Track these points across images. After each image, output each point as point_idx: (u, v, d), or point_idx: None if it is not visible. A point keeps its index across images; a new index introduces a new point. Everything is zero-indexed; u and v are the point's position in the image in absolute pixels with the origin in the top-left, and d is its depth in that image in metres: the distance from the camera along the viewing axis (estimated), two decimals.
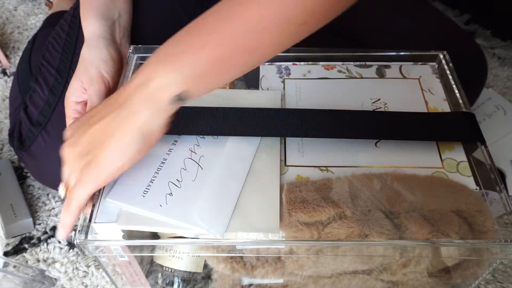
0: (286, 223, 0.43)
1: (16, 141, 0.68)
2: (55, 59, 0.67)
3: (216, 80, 0.40)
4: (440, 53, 0.58)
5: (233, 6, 0.38)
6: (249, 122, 0.50)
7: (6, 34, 1.06)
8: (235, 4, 0.38)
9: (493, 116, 0.78)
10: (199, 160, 0.48)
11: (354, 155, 0.49)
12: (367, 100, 0.54)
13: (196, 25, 0.40)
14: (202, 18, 0.40)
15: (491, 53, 1.01)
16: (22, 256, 0.67)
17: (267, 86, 0.56)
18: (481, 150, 0.49)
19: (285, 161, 0.48)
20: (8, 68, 0.98)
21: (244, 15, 0.37)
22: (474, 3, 1.07)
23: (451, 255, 0.46)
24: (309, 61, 0.59)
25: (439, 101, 0.54)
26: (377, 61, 0.59)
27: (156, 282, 0.55)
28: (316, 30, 0.39)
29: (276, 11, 0.36)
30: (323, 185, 0.45)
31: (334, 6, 0.38)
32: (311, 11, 0.37)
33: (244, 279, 0.53)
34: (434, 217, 0.43)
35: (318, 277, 0.51)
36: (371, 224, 0.42)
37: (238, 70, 0.40)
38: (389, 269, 0.49)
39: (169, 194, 0.44)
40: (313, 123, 0.49)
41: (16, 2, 1.15)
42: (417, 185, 0.46)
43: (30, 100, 0.67)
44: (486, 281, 0.64)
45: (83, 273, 0.65)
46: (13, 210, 0.69)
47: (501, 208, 0.45)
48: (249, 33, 0.37)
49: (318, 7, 0.37)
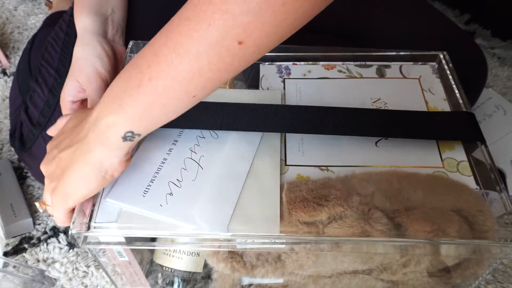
0: (286, 223, 0.43)
1: (17, 142, 0.68)
2: (54, 60, 0.67)
3: (163, 115, 0.38)
4: (440, 53, 0.58)
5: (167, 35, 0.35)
6: (251, 117, 0.49)
7: (6, 34, 1.06)
8: (169, 33, 0.35)
9: (493, 116, 0.79)
10: (199, 159, 0.48)
11: (355, 154, 0.49)
12: (367, 100, 0.54)
13: (137, 57, 0.37)
14: (145, 47, 0.37)
15: (491, 53, 1.01)
16: (22, 256, 0.67)
17: (267, 86, 0.56)
18: (481, 150, 0.49)
19: (285, 161, 0.48)
20: (8, 68, 0.98)
21: (175, 43, 0.34)
22: (474, 3, 1.07)
23: (451, 254, 0.46)
24: (309, 61, 0.59)
25: (439, 101, 0.54)
26: (377, 61, 0.59)
27: (156, 282, 0.55)
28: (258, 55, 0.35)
29: (207, 37, 0.33)
30: (324, 185, 0.45)
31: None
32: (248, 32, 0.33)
33: (244, 278, 0.53)
34: (434, 216, 0.43)
35: (318, 276, 0.51)
36: (372, 223, 0.42)
37: (185, 102, 0.37)
38: (389, 269, 0.49)
39: (169, 194, 0.44)
40: (314, 119, 0.49)
41: (16, 2, 1.16)
42: (417, 184, 0.46)
43: (30, 100, 0.67)
44: (486, 281, 0.64)
45: (83, 273, 0.65)
46: (13, 210, 0.69)
47: (501, 208, 0.45)
48: (181, 64, 0.34)
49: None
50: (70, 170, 0.41)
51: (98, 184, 0.41)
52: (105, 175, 0.41)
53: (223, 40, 0.33)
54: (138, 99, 0.36)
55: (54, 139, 0.46)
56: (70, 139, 0.43)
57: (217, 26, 0.32)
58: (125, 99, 0.37)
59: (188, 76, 0.35)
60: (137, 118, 0.37)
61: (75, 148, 0.41)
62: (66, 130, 0.45)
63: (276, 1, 0.31)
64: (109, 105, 0.38)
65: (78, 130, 0.42)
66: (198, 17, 0.33)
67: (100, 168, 0.40)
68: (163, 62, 0.35)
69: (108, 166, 0.41)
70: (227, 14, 0.32)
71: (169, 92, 0.36)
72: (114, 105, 0.38)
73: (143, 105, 0.37)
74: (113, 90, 0.38)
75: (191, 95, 0.36)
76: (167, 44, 0.34)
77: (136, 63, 0.37)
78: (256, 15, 0.32)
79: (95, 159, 0.40)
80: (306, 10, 0.33)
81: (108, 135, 0.39)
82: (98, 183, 0.41)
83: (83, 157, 0.40)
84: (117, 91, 0.38)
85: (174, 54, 0.34)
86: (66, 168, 0.41)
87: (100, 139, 0.39)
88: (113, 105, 0.38)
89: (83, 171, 0.40)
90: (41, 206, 0.47)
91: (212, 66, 0.34)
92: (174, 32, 0.34)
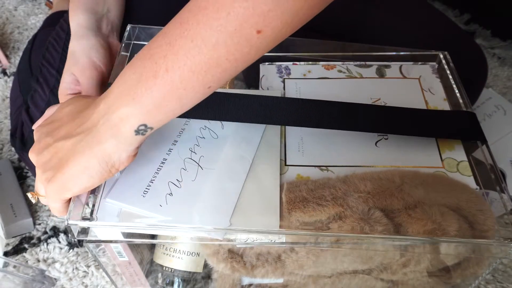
0: (286, 223, 0.43)
1: (18, 142, 0.68)
2: (55, 59, 0.67)
3: (178, 107, 0.37)
4: (440, 53, 0.58)
5: (182, 25, 0.34)
6: (252, 109, 0.49)
7: (6, 34, 1.07)
8: (184, 22, 0.34)
9: (493, 116, 0.79)
10: (199, 160, 0.48)
11: (354, 154, 0.49)
12: (367, 99, 0.54)
13: (151, 46, 0.36)
14: (157, 36, 0.36)
15: (491, 53, 1.01)
16: (22, 256, 0.67)
17: (267, 86, 0.56)
18: (481, 149, 0.49)
19: (285, 161, 0.48)
20: (8, 68, 0.98)
21: (193, 33, 0.34)
22: (474, 3, 1.07)
23: (451, 253, 0.46)
24: (309, 61, 0.59)
25: (439, 101, 0.54)
26: (377, 61, 0.59)
27: (156, 282, 0.55)
28: (276, 42, 0.35)
29: (227, 26, 0.33)
30: (323, 185, 0.45)
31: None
32: (268, 20, 0.33)
33: (244, 278, 0.53)
34: (434, 216, 0.43)
35: (318, 276, 0.51)
36: (371, 223, 0.42)
37: (201, 93, 0.37)
38: (389, 269, 0.49)
39: (169, 194, 0.44)
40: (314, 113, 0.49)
41: (16, 2, 1.16)
42: (417, 184, 0.46)
43: (31, 100, 0.67)
44: (486, 281, 0.64)
45: (83, 273, 0.65)
46: (13, 210, 0.69)
47: (501, 208, 0.45)
48: (199, 54, 0.34)
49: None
50: (72, 162, 0.39)
51: (101, 178, 0.40)
52: (111, 168, 0.40)
53: (242, 29, 0.32)
54: (154, 90, 0.35)
55: (44, 125, 0.43)
56: (69, 128, 0.41)
57: (237, 14, 0.32)
58: (140, 90, 0.36)
59: (205, 66, 0.34)
60: (152, 110, 0.36)
61: (79, 138, 0.39)
62: (61, 116, 0.42)
63: None
64: (121, 96, 0.37)
65: (81, 119, 0.40)
66: (217, 5, 0.32)
67: (108, 161, 0.39)
68: (180, 52, 0.34)
69: (116, 159, 0.40)
70: (247, 2, 0.31)
71: (186, 83, 0.35)
72: (128, 97, 0.37)
73: (159, 97, 0.36)
74: (125, 81, 0.37)
75: (207, 86, 0.36)
76: (184, 34, 0.34)
77: (149, 53, 0.36)
78: (277, 4, 0.31)
79: (104, 152, 0.38)
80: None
81: (121, 128, 0.38)
82: (102, 177, 0.40)
83: (89, 149, 0.38)
84: (130, 83, 0.37)
85: (192, 44, 0.33)
86: (67, 159, 0.39)
87: (111, 131, 0.38)
88: (127, 97, 0.37)
89: (88, 163, 0.39)
90: (34, 197, 0.45)
91: (229, 56, 0.34)
92: (191, 21, 0.33)
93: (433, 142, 0.50)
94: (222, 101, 0.49)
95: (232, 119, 0.49)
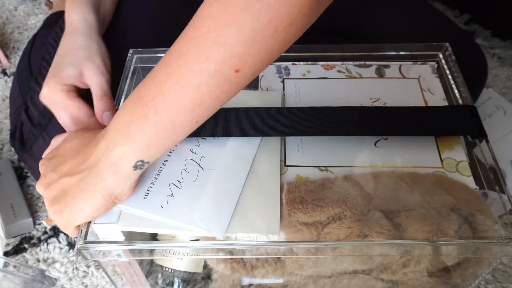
0: (285, 224, 0.43)
1: (18, 142, 0.68)
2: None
3: (169, 142, 0.40)
4: (440, 52, 0.58)
5: (167, 69, 0.37)
6: (251, 121, 0.49)
7: (6, 34, 1.07)
8: (169, 66, 0.37)
9: (493, 116, 0.79)
10: (200, 161, 0.48)
11: (354, 155, 0.49)
12: (367, 99, 0.54)
13: (140, 89, 0.39)
14: (146, 79, 0.39)
15: (491, 53, 1.01)
16: (22, 256, 0.67)
17: (267, 86, 0.57)
18: (479, 147, 0.49)
19: (285, 161, 0.49)
20: (8, 68, 0.98)
21: (178, 76, 0.36)
22: (474, 3, 1.07)
23: (451, 254, 0.46)
24: (308, 61, 0.59)
25: (438, 101, 0.54)
26: (377, 61, 0.59)
27: (156, 282, 0.55)
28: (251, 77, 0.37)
29: (207, 68, 0.35)
30: (323, 185, 0.45)
31: None
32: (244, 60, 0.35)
33: (244, 279, 0.53)
34: (434, 216, 0.43)
35: (318, 277, 0.51)
36: (371, 224, 0.42)
37: (189, 128, 0.39)
38: (389, 269, 0.49)
39: (170, 196, 0.45)
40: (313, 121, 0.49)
41: (16, 2, 1.16)
42: (416, 184, 0.46)
43: (30, 101, 0.67)
44: (486, 281, 0.64)
45: (83, 273, 0.65)
46: (13, 210, 0.69)
47: (501, 208, 0.45)
48: (185, 95, 0.36)
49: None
50: (78, 198, 0.42)
51: (106, 208, 0.43)
52: (114, 200, 0.43)
53: (221, 70, 0.35)
54: (145, 130, 0.38)
55: (49, 159, 0.46)
56: (73, 164, 0.43)
57: (215, 57, 0.34)
58: (133, 130, 0.39)
59: (191, 105, 0.37)
60: (146, 147, 0.39)
61: (82, 176, 0.42)
62: (64, 152, 0.45)
63: (268, 29, 0.33)
64: (118, 135, 0.40)
65: (84, 156, 0.43)
66: (196, 50, 0.35)
67: (111, 194, 0.42)
68: (167, 95, 0.37)
69: (119, 192, 0.42)
70: (224, 46, 0.34)
71: (175, 122, 0.38)
72: (123, 135, 0.39)
73: (150, 135, 0.38)
74: (120, 120, 0.40)
75: (194, 121, 0.38)
76: (169, 77, 0.36)
77: (139, 96, 0.38)
78: (251, 45, 0.34)
79: (106, 187, 0.41)
80: (296, 32, 0.35)
81: (120, 165, 0.40)
82: (106, 207, 0.43)
83: (93, 186, 0.41)
84: (124, 123, 0.39)
85: (177, 86, 0.36)
86: (72, 195, 0.42)
87: (112, 169, 0.40)
88: (122, 135, 0.39)
89: (93, 198, 0.42)
90: (48, 224, 0.48)
91: (211, 95, 0.36)
92: (175, 65, 0.36)
93: (433, 142, 0.50)
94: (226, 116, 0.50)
95: (234, 134, 0.49)
